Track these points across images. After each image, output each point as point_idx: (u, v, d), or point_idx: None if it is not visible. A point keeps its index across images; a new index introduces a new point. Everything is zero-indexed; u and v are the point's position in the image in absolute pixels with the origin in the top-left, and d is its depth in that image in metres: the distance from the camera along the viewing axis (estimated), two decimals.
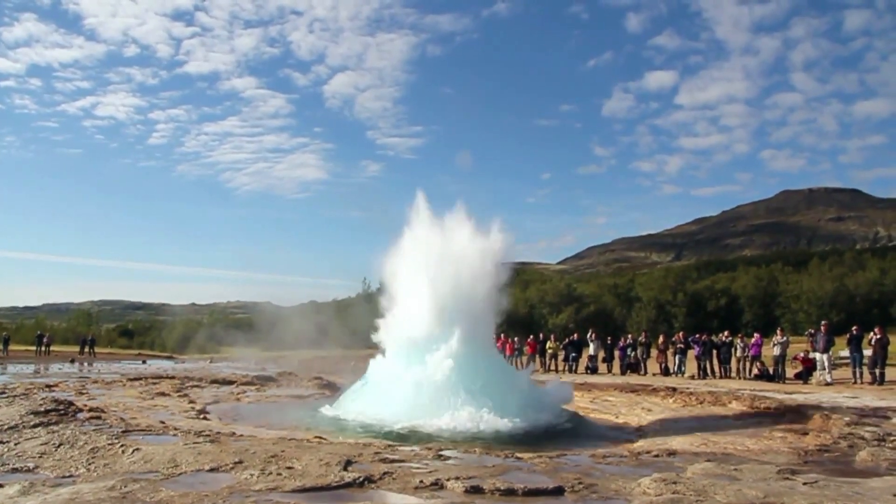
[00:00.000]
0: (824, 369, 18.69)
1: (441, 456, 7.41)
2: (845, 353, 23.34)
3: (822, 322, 21.56)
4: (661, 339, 25.01)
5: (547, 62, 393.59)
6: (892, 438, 9.22)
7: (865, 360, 18.62)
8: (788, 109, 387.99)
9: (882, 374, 17.75)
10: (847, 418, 11.03)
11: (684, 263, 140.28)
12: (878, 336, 18.22)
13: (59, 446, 7.43)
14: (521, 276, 76.00)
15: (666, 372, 23.16)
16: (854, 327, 19.03)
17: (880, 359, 17.99)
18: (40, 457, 6.94)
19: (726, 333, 23.25)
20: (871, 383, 17.57)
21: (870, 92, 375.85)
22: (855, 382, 17.97)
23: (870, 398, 14.15)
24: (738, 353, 21.62)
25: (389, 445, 7.86)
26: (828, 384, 17.86)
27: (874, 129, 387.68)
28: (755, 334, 22.61)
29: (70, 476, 6.17)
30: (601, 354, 25.66)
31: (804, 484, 6.11)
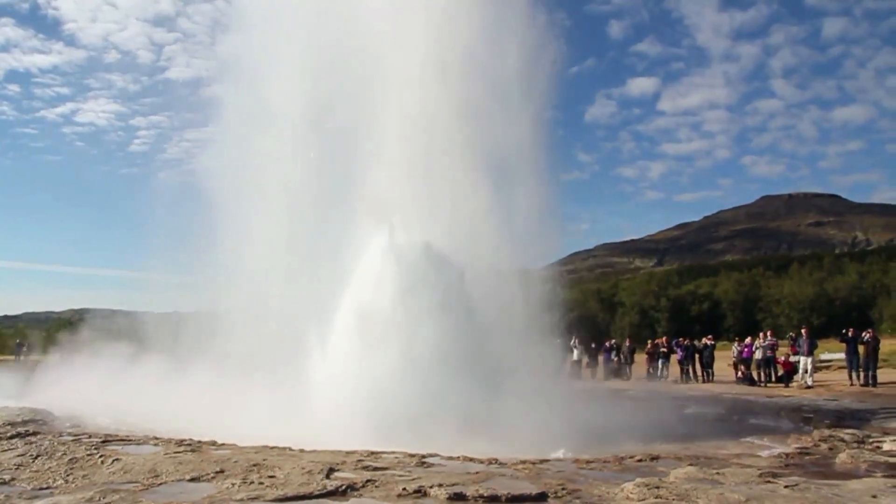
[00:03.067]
0: (806, 372, 18.84)
1: (424, 463, 7.38)
2: (826, 356, 23.62)
3: (803, 326, 21.77)
4: (648, 344, 24.97)
5: None
6: (871, 440, 9.32)
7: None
8: (769, 115, 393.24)
9: (874, 377, 17.89)
10: (827, 421, 11.14)
11: (667, 269, 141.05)
12: (869, 338, 18.37)
13: (36, 457, 7.33)
14: None
15: (651, 377, 23.25)
16: (850, 330, 19.18)
17: (872, 361, 18.14)
18: (17, 468, 6.83)
19: (709, 337, 23.41)
20: (864, 385, 17.71)
21: (848, 98, 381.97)
22: (853, 384, 18.07)
23: (849, 401, 14.30)
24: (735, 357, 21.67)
25: (372, 453, 7.81)
26: (808, 387, 18.00)
27: (852, 134, 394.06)
28: (747, 338, 22.71)
29: (48, 488, 6.08)
30: (584, 360, 25.65)
31: (785, 487, 6.15)
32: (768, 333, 22.25)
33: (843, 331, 19.27)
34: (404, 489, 5.88)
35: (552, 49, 14.26)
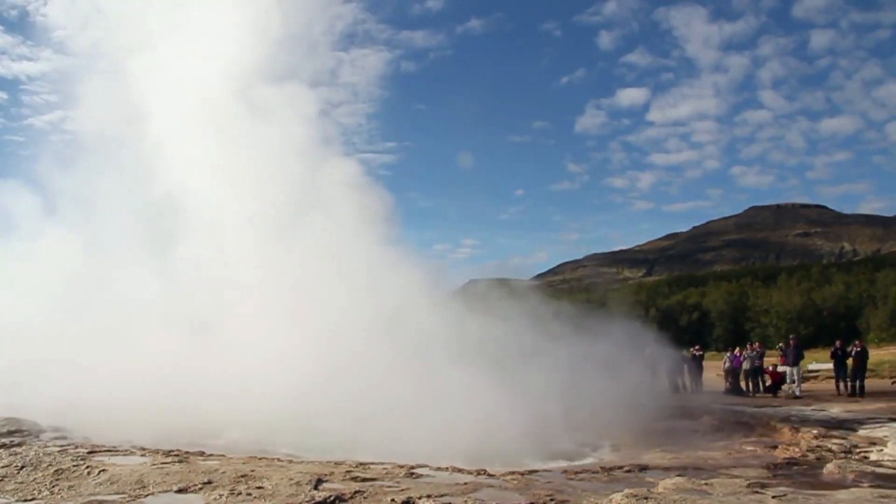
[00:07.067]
0: (793, 382, 18.92)
1: (413, 474, 7.35)
2: (814, 366, 23.72)
3: (791, 336, 21.86)
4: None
5: (520, 79, 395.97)
6: (858, 450, 9.37)
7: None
8: (757, 126, 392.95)
9: (862, 387, 17.97)
10: (815, 431, 11.19)
11: (656, 279, 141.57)
12: (858, 349, 18.46)
13: (21, 468, 7.24)
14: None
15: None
16: (838, 342, 19.27)
17: (860, 371, 18.21)
18: (1, 480, 6.76)
19: (697, 347, 23.44)
20: (852, 395, 17.78)
21: (835, 109, 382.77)
22: (840, 394, 18.14)
23: (837, 410, 14.37)
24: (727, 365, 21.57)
25: (361, 464, 7.79)
26: (797, 397, 18.07)
27: (840, 145, 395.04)
28: (737, 348, 22.74)
29: (32, 500, 6.02)
30: None
31: (773, 497, 6.18)
32: (756, 344, 22.34)
33: (833, 349, 19.27)
34: (393, 500, 5.86)
35: None
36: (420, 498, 5.92)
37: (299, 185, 14.46)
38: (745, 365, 20.51)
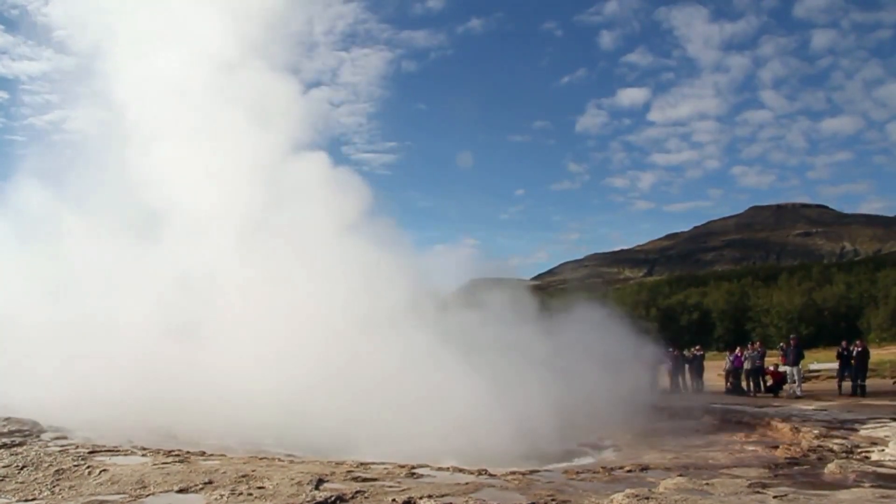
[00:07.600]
0: (794, 382, 18.91)
1: (414, 474, 7.35)
2: (815, 366, 23.72)
3: (791, 336, 21.86)
4: None
5: (520, 78, 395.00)
6: (859, 450, 9.35)
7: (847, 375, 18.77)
8: (758, 126, 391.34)
9: (863, 387, 17.97)
10: (816, 430, 11.17)
11: (657, 279, 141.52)
12: (860, 349, 18.46)
13: (22, 468, 7.23)
14: None
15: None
16: (843, 342, 19.26)
17: (861, 371, 18.21)
18: (2, 480, 6.74)
19: (697, 347, 23.44)
20: (853, 394, 17.78)
21: (836, 109, 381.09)
22: (841, 394, 18.14)
23: (838, 410, 14.35)
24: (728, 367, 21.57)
25: (362, 464, 7.78)
26: (798, 397, 18.07)
27: (841, 145, 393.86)
28: (737, 349, 22.76)
29: (33, 500, 6.01)
30: None
31: (774, 497, 6.17)
32: (757, 344, 22.34)
33: (839, 349, 19.25)
34: (394, 500, 5.85)
35: None
36: (421, 498, 5.92)
37: (289, 184, 14.42)
38: (746, 365, 20.50)
